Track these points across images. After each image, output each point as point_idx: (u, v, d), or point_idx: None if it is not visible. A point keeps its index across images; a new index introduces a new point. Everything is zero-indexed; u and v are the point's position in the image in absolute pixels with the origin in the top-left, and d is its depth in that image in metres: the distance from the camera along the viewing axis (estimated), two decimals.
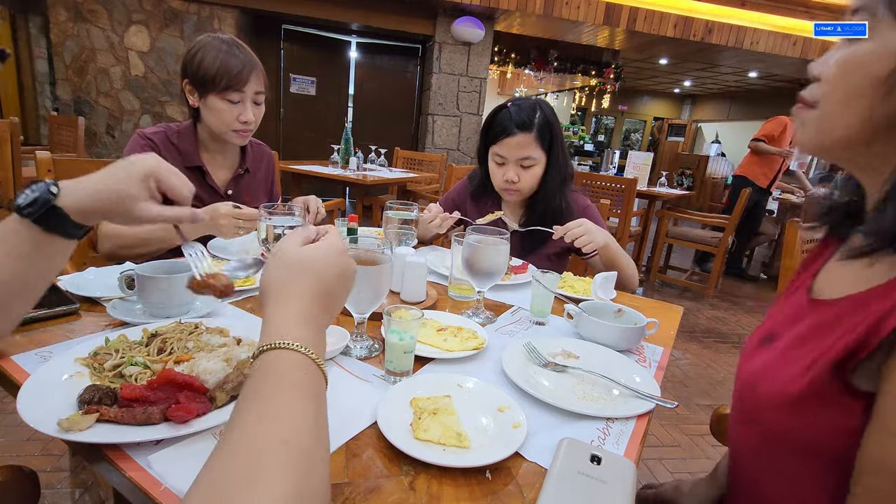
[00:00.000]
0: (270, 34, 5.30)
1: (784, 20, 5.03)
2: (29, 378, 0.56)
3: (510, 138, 1.32)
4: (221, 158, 1.38)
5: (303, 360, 0.42)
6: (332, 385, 0.67)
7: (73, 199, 0.56)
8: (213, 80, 1.20)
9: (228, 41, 1.23)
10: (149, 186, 0.59)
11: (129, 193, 0.58)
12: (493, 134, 1.36)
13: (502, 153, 1.35)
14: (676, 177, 7.82)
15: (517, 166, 1.34)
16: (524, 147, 1.32)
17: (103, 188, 0.58)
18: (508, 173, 1.34)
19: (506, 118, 1.33)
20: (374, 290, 0.73)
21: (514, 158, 1.34)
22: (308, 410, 0.39)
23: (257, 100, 1.29)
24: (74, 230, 0.58)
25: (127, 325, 0.75)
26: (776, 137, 4.17)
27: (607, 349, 0.85)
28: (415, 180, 3.82)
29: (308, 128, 5.67)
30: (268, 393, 0.39)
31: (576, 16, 4.72)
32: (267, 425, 0.36)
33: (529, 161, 1.33)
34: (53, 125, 3.76)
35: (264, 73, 1.29)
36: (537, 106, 1.35)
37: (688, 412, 2.19)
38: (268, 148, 1.56)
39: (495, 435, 0.58)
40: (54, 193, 0.55)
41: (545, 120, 1.32)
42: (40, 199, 0.54)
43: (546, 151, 1.35)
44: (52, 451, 1.55)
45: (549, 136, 1.34)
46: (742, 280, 4.71)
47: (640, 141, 12.78)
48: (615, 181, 3.49)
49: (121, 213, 0.58)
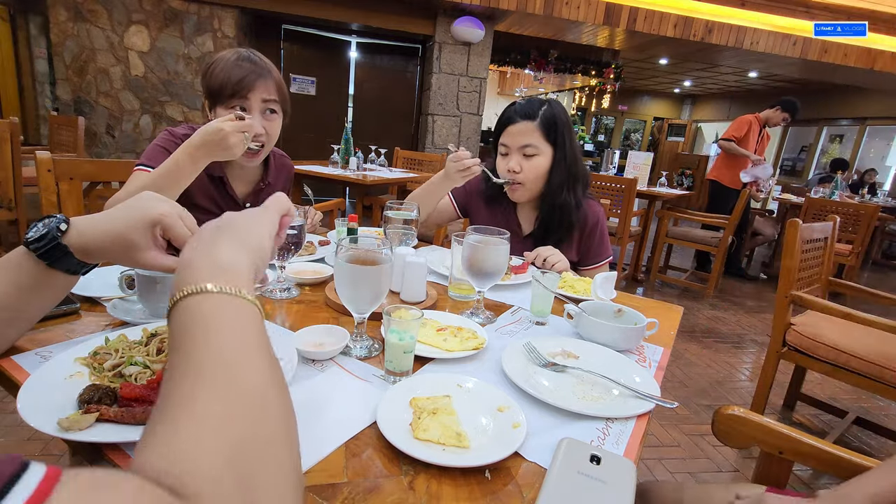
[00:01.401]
0: (270, 34, 5.30)
1: (784, 20, 5.03)
2: (29, 378, 0.56)
3: (512, 126, 1.34)
4: (241, 172, 1.34)
5: (224, 300, 0.39)
6: (332, 385, 0.67)
7: (80, 238, 0.56)
8: (219, 90, 1.16)
9: (243, 53, 1.19)
10: (154, 235, 0.59)
11: (134, 242, 0.58)
12: (498, 126, 1.39)
13: (506, 142, 1.37)
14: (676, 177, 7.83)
15: (519, 155, 1.35)
16: (525, 134, 1.33)
17: (111, 230, 0.58)
18: (511, 162, 1.35)
19: (511, 110, 1.37)
20: (374, 290, 0.73)
21: (515, 146, 1.35)
22: (250, 353, 0.36)
23: (269, 108, 1.21)
24: (78, 267, 0.58)
25: (127, 325, 0.75)
26: (741, 138, 4.18)
27: (607, 349, 0.85)
28: (415, 180, 3.81)
29: (308, 128, 5.67)
30: (195, 347, 0.35)
31: (576, 16, 4.72)
32: (204, 381, 0.33)
33: (531, 150, 1.33)
34: (53, 125, 3.76)
35: (279, 82, 1.22)
36: (547, 102, 1.36)
37: (688, 412, 2.19)
38: (289, 160, 1.51)
39: (495, 435, 0.58)
40: (62, 231, 0.55)
41: (551, 113, 1.33)
42: (48, 235, 0.55)
43: (552, 145, 1.35)
44: (52, 451, 1.55)
45: (556, 131, 1.33)
46: (742, 280, 4.71)
47: (640, 141, 12.78)
48: (615, 181, 3.49)
49: (125, 257, 0.59)
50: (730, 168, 4.30)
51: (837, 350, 1.72)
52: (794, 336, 1.84)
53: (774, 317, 1.90)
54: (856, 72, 5.57)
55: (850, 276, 4.22)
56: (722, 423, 0.90)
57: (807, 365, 1.83)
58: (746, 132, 4.16)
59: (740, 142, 4.18)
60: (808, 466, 0.88)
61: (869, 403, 2.46)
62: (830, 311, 1.73)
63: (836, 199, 4.86)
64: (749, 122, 4.18)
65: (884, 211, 5.36)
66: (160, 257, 0.60)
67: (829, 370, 1.76)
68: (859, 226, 3.95)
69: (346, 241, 0.75)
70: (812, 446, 0.82)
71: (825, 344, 1.75)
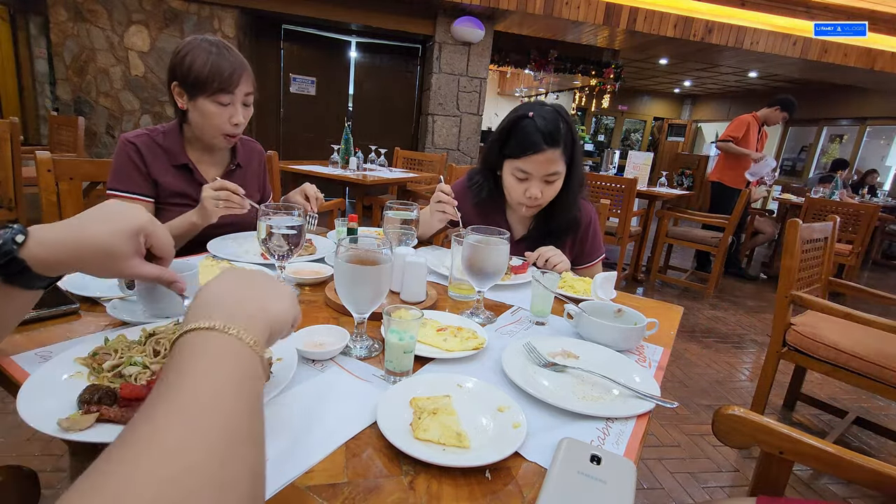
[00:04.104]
0: (270, 34, 5.30)
1: (784, 20, 5.03)
2: (29, 378, 0.56)
3: (538, 155, 1.22)
4: (210, 157, 1.38)
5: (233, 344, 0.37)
6: (332, 385, 0.67)
7: (41, 250, 0.50)
8: (204, 82, 1.18)
9: (217, 43, 1.22)
10: (138, 242, 0.56)
11: (118, 251, 0.54)
12: (518, 147, 1.25)
13: (527, 169, 1.25)
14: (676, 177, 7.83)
15: (542, 182, 1.26)
16: (552, 163, 1.23)
17: (83, 242, 0.52)
18: (532, 189, 1.26)
19: (531, 130, 1.22)
20: (374, 290, 0.73)
21: (540, 175, 1.25)
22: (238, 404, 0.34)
23: (247, 101, 1.28)
24: (38, 282, 0.53)
25: (127, 325, 0.75)
26: (740, 137, 4.17)
27: (607, 349, 0.85)
28: (415, 180, 3.82)
29: (308, 128, 5.67)
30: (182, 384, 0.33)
31: (576, 16, 4.72)
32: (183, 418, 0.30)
33: (555, 177, 1.26)
34: (53, 125, 3.76)
35: (252, 75, 1.28)
36: (559, 115, 1.25)
37: (688, 412, 2.19)
38: (258, 144, 1.55)
39: (495, 435, 0.58)
40: (18, 243, 0.49)
41: (569, 130, 1.25)
42: (2, 249, 0.48)
43: (568, 163, 1.28)
44: (52, 451, 1.55)
45: (573, 149, 1.27)
46: (742, 280, 4.71)
47: (640, 141, 12.78)
48: (615, 181, 3.49)
49: (101, 268, 0.55)
50: (732, 168, 4.29)
51: (837, 350, 1.72)
52: (794, 336, 1.84)
53: (774, 317, 1.90)
54: (856, 72, 5.57)
55: (850, 276, 4.23)
56: (722, 423, 0.90)
57: (807, 365, 1.83)
58: (746, 132, 4.15)
59: (740, 142, 4.17)
60: (808, 466, 0.88)
61: (869, 403, 2.46)
62: (830, 311, 1.73)
63: (837, 199, 4.86)
64: (747, 122, 4.17)
65: (884, 211, 5.36)
66: (145, 266, 0.58)
67: (829, 370, 1.76)
68: (859, 226, 3.96)
69: (346, 241, 0.75)
70: (812, 446, 0.82)
71: (825, 344, 1.75)
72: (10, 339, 0.69)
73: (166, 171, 1.29)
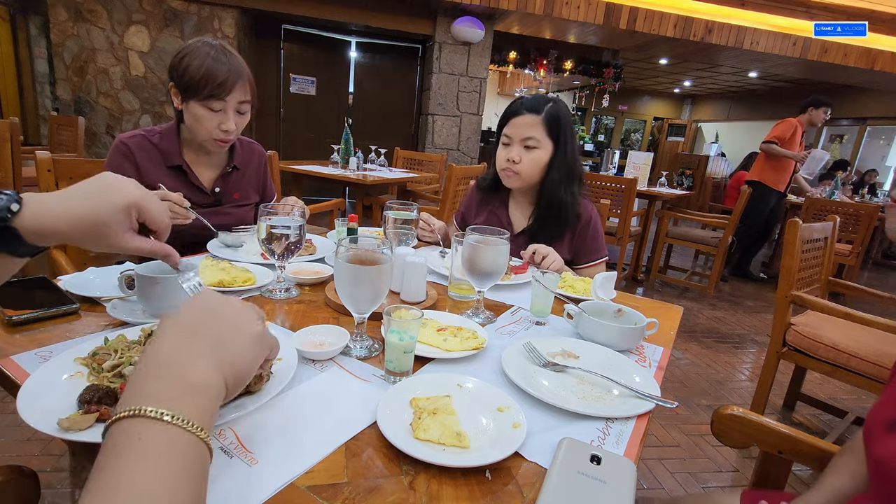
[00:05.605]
0: (270, 34, 5.30)
1: (784, 20, 5.03)
2: (29, 378, 0.56)
3: (517, 118, 1.38)
4: (207, 158, 1.37)
5: (171, 435, 0.34)
6: (332, 385, 0.67)
7: (35, 220, 0.50)
8: (196, 86, 1.18)
9: (217, 47, 1.21)
10: (130, 216, 0.56)
11: (111, 223, 0.54)
12: (504, 117, 1.42)
13: (509, 133, 1.40)
14: (676, 177, 7.83)
15: (521, 147, 1.38)
16: (530, 126, 1.36)
17: (78, 212, 0.52)
18: (511, 153, 1.39)
19: (518, 103, 1.41)
20: (374, 290, 0.73)
21: (518, 138, 1.38)
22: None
23: (241, 109, 1.27)
24: (26, 249, 0.53)
25: (127, 325, 0.75)
26: (787, 140, 4.10)
27: (607, 349, 0.85)
28: (415, 180, 3.82)
29: (308, 128, 5.67)
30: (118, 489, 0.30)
31: (576, 16, 4.72)
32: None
33: (533, 142, 1.36)
34: (53, 125, 3.76)
35: (252, 82, 1.27)
36: (553, 100, 1.40)
37: (688, 412, 2.19)
38: (259, 146, 1.54)
39: (495, 435, 0.58)
40: (13, 212, 0.49)
41: (556, 110, 1.37)
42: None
43: (553, 141, 1.38)
44: (52, 451, 1.55)
45: (558, 128, 1.37)
46: (742, 280, 4.70)
47: (640, 141, 12.78)
48: (615, 181, 3.49)
49: (94, 241, 0.54)
50: (774, 170, 4.22)
51: (837, 350, 1.72)
52: (794, 336, 1.84)
53: (774, 317, 1.90)
54: (856, 72, 5.57)
55: (849, 276, 4.22)
56: (721, 423, 0.90)
57: (807, 365, 1.83)
58: (792, 135, 4.10)
59: (785, 144, 4.12)
60: (808, 466, 0.88)
61: (869, 403, 2.46)
62: (830, 311, 1.73)
63: (837, 198, 4.86)
64: (794, 126, 4.10)
65: (883, 211, 5.36)
66: (137, 239, 0.57)
67: (828, 370, 1.76)
68: (859, 226, 3.95)
69: (346, 241, 0.75)
70: (812, 446, 0.82)
71: (825, 344, 1.75)
72: (10, 339, 0.69)
73: (159, 172, 1.28)
